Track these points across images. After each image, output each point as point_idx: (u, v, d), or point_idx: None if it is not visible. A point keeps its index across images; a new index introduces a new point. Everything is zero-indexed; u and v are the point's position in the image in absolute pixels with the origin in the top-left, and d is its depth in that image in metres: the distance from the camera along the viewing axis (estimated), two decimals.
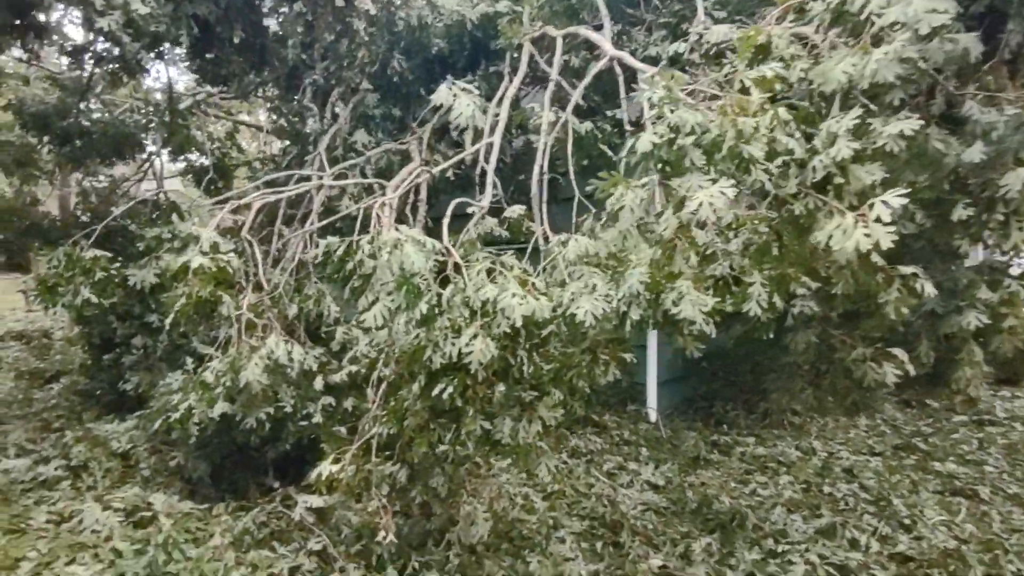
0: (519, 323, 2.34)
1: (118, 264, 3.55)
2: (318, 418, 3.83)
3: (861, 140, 2.14)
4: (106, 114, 6.13)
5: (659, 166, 2.04)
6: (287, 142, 8.41)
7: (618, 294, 2.42)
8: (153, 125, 6.46)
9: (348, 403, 4.06)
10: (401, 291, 2.45)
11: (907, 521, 4.19)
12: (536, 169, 3.62)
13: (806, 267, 2.32)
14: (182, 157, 7.77)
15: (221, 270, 2.75)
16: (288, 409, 3.50)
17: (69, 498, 3.46)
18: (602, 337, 2.69)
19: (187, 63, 5.81)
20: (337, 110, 7.35)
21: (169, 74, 5.92)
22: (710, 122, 2.07)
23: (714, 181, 1.99)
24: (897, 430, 6.11)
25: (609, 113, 5.02)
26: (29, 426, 4.89)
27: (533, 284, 2.52)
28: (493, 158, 3.71)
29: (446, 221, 3.05)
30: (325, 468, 2.92)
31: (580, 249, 2.80)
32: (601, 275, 2.80)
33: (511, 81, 4.66)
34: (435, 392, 2.53)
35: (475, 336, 2.38)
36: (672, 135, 1.98)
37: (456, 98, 3.02)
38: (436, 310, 2.44)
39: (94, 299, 3.19)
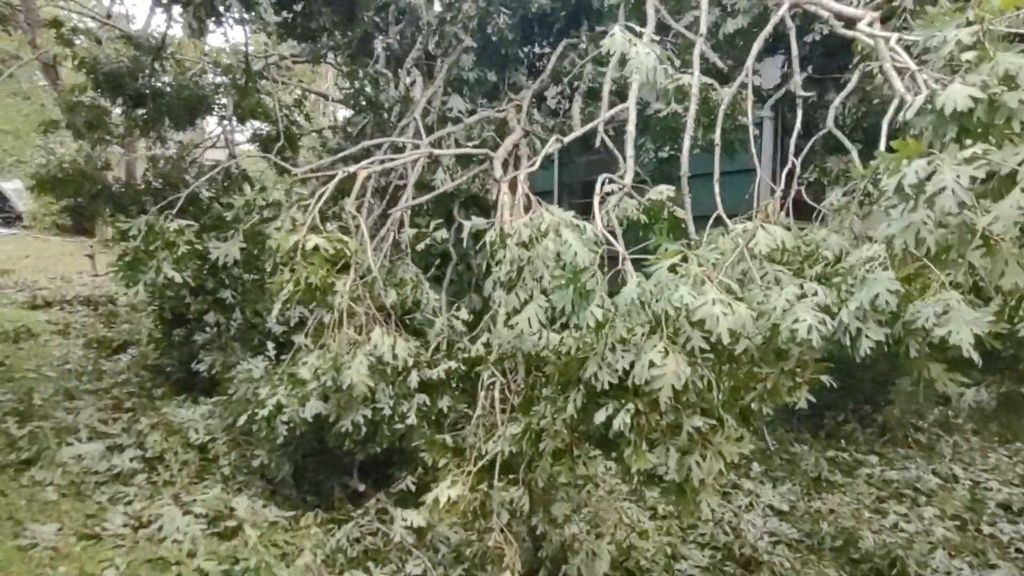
0: (725, 338, 1.78)
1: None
2: (412, 419, 3.38)
3: None
4: (179, 75, 5.77)
5: (965, 132, 1.44)
6: (356, 111, 7.99)
7: (851, 305, 1.83)
8: (223, 88, 6.09)
9: (443, 403, 3.60)
10: (568, 290, 1.92)
11: None
12: (687, 141, 3.02)
13: None
14: (248, 124, 7.42)
15: (338, 252, 2.28)
16: (387, 412, 3.05)
17: (146, 497, 3.12)
18: (808, 356, 2.11)
19: (276, 15, 5.37)
20: (413, 77, 6.83)
21: (245, 31, 5.51)
22: None
23: None
24: None
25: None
26: (100, 404, 4.64)
27: (728, 287, 1.96)
28: (632, 126, 3.11)
29: (596, 201, 2.49)
30: (443, 492, 2.46)
31: (773, 241, 2.22)
32: (789, 276, 2.22)
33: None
34: (599, 417, 2.01)
35: (664, 352, 1.84)
36: (999, 88, 1.38)
37: (635, 47, 2.42)
38: (610, 316, 1.91)
39: (178, 277, 2.79)
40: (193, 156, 8.22)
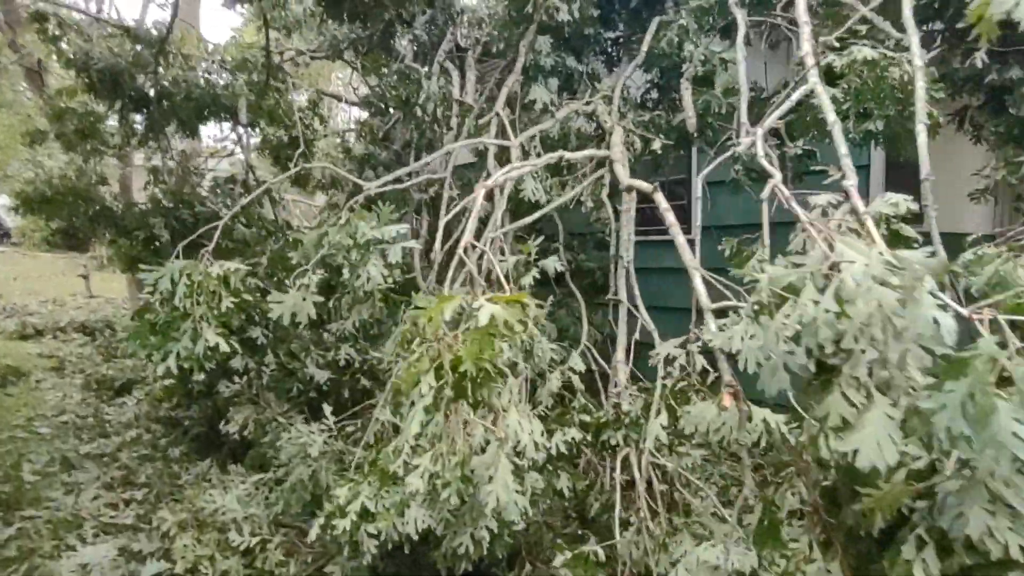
0: None
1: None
2: (533, 512, 2.52)
3: None
4: (187, 72, 4.89)
5: None
6: (375, 111, 7.15)
7: None
8: (239, 87, 5.21)
9: (561, 482, 2.76)
10: (958, 393, 1.07)
11: None
12: (921, 133, 2.18)
13: None
14: (258, 128, 6.53)
15: (517, 324, 1.38)
16: (516, 521, 2.19)
17: None
18: None
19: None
20: (448, 71, 6.04)
21: (266, 17, 4.63)
22: None
23: None
24: None
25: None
26: (106, 476, 3.75)
27: None
28: (831, 113, 2.28)
29: (868, 219, 1.64)
30: None
31: None
32: None
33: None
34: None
35: None
36: None
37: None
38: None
39: (223, 344, 1.94)
40: (197, 167, 7.36)
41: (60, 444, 4.36)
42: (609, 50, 4.79)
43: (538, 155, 3.44)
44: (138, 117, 5.29)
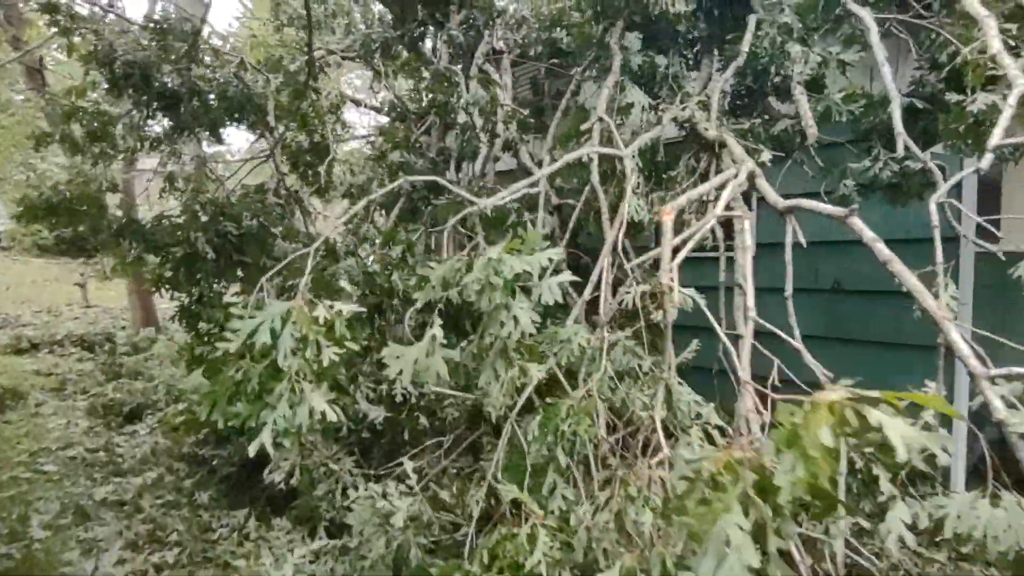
0: None
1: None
2: None
3: None
4: (218, 69, 4.41)
5: None
6: (400, 117, 6.73)
7: None
8: (276, 86, 4.74)
9: None
10: None
11: None
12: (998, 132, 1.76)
13: None
14: (281, 132, 6.04)
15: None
16: None
17: None
18: None
19: None
20: (481, 67, 5.74)
21: (309, 7, 4.18)
22: None
23: None
24: None
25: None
26: (128, 531, 3.23)
27: None
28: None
29: None
30: None
31: None
32: None
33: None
34: None
35: None
36: None
37: None
38: None
39: (330, 411, 1.45)
40: (213, 172, 6.87)
41: (70, 487, 3.83)
42: (689, 50, 4.37)
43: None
44: (149, 118, 4.82)
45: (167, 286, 3.51)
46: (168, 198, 6.48)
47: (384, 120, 8.19)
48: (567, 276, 1.59)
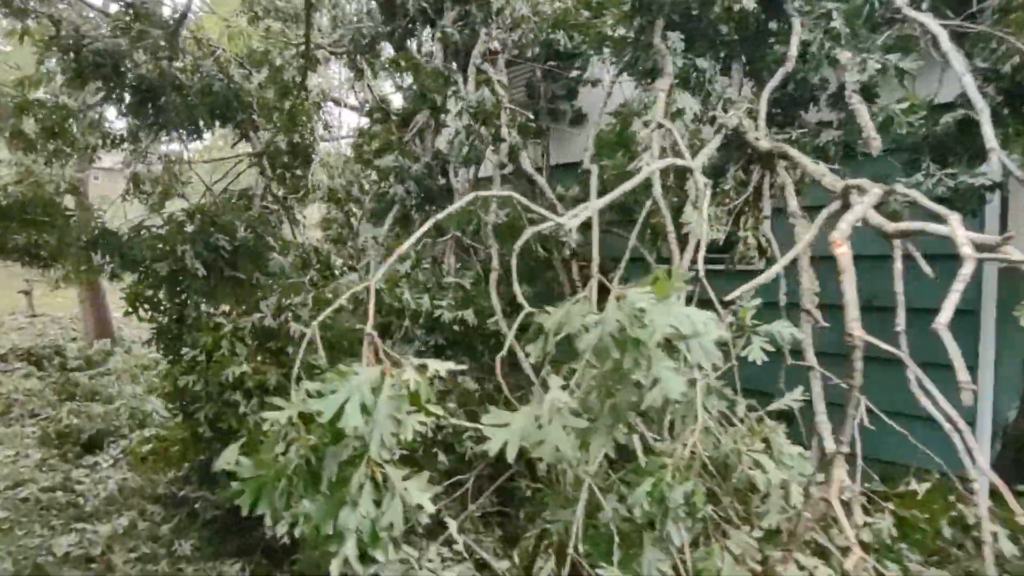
0: None
1: None
2: None
3: None
4: (200, 62, 3.93)
5: None
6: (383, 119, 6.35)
7: None
8: (263, 84, 4.30)
9: None
10: None
11: None
12: None
13: None
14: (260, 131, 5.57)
15: None
16: None
17: None
18: None
19: None
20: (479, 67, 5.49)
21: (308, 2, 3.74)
22: None
23: None
24: None
25: None
26: None
27: None
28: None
29: None
30: None
31: None
32: None
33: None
34: None
35: None
36: None
37: None
38: None
39: (427, 502, 1.09)
40: (180, 174, 6.34)
41: (24, 538, 3.30)
42: (718, 54, 4.13)
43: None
44: (111, 114, 4.33)
45: (145, 306, 3.05)
46: (132, 201, 5.92)
47: (364, 121, 7.75)
48: (719, 333, 1.25)
